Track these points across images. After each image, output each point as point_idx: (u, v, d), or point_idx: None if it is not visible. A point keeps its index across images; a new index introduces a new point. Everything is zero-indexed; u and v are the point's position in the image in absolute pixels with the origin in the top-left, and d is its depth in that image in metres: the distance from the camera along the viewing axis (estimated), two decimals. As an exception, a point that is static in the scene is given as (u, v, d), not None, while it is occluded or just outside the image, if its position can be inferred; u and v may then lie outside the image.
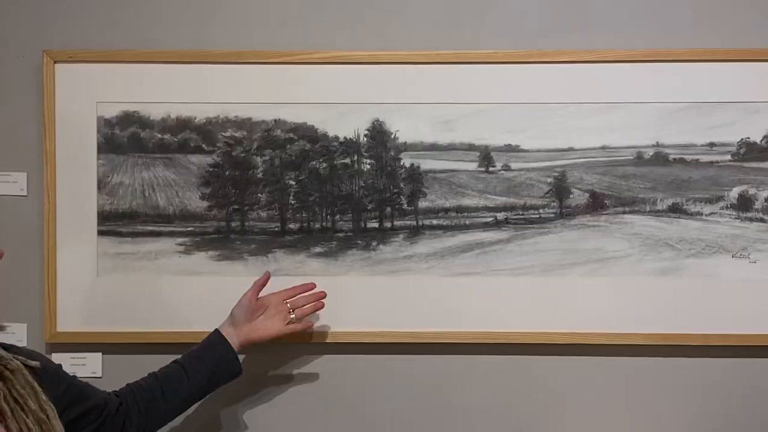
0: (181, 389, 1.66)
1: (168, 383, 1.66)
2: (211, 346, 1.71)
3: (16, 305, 1.89)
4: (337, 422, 1.91)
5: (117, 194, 1.87)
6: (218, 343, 1.71)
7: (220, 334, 1.71)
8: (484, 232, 1.88)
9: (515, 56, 1.85)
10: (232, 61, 1.87)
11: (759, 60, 1.84)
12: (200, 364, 1.69)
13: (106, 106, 1.87)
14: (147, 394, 1.63)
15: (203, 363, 1.69)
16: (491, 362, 1.89)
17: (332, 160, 1.89)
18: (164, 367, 1.68)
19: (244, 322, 1.73)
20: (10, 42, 1.89)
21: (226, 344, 1.70)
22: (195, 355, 1.70)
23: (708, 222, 1.86)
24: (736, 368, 1.87)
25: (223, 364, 1.70)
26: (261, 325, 1.73)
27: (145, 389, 1.63)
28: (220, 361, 1.70)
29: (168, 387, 1.65)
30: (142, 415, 1.61)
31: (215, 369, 1.70)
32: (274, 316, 1.74)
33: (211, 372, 1.69)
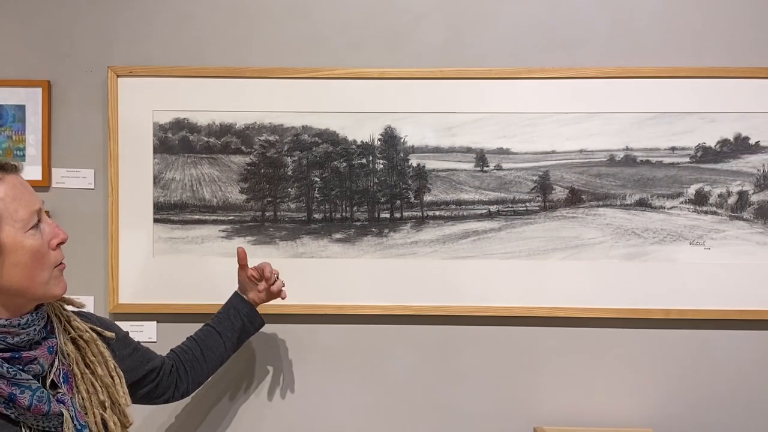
0: (217, 348, 1.76)
1: (205, 344, 1.75)
2: (234, 308, 1.79)
3: (85, 281, 1.98)
4: (354, 380, 2.01)
5: (169, 188, 1.98)
6: (239, 303, 1.79)
7: (240, 296, 1.80)
8: (479, 222, 1.97)
9: (506, 73, 1.94)
10: (267, 76, 1.96)
11: (715, 77, 1.94)
12: (229, 324, 1.77)
13: (161, 114, 1.97)
14: (190, 355, 1.73)
15: (231, 322, 1.77)
16: (483, 331, 1.99)
17: (351, 161, 1.97)
18: (199, 331, 1.78)
19: (247, 291, 1.80)
20: (80, 59, 1.99)
21: (247, 303, 1.79)
22: (223, 317, 1.78)
23: (669, 214, 1.96)
24: (691, 338, 1.97)
25: (248, 319, 1.78)
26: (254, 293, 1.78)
27: (187, 352, 1.73)
28: (246, 318, 1.78)
29: (206, 347, 1.75)
30: (188, 373, 1.72)
31: (243, 325, 1.78)
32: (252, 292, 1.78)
33: (240, 328, 1.78)
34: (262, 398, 2.03)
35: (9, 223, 1.24)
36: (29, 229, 1.27)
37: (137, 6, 2.00)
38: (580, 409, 2.00)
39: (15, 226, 1.24)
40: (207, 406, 2.02)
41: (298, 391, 2.02)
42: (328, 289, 1.99)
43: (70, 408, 1.29)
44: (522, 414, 2.01)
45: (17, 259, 1.25)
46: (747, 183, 1.96)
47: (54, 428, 1.27)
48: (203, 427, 2.02)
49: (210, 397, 2.01)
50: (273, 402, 2.03)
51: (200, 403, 2.01)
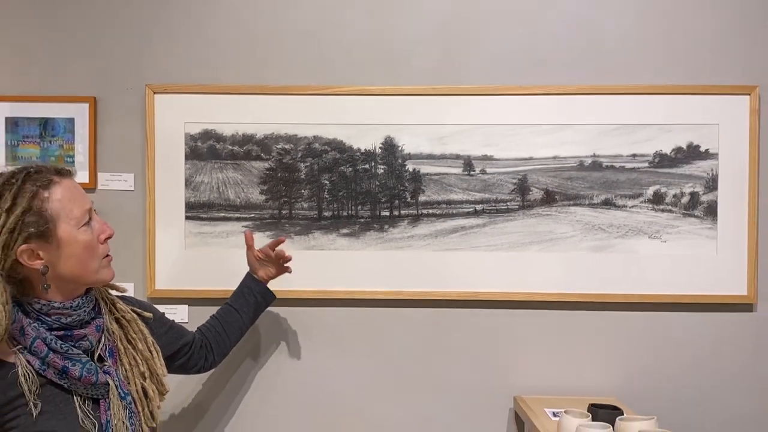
0: (236, 323, 1.77)
1: (226, 321, 1.76)
2: (248, 287, 1.79)
3: (126, 269, 1.96)
4: (358, 355, 2.01)
5: (199, 190, 1.98)
6: (252, 283, 1.80)
7: (251, 276, 1.80)
8: (466, 219, 1.97)
9: (490, 90, 1.95)
10: (283, 93, 1.96)
11: (671, 93, 1.95)
12: (245, 301, 1.78)
13: (191, 125, 1.97)
14: (214, 332, 1.74)
15: (246, 299, 1.78)
16: (470, 313, 1.99)
17: (355, 166, 1.98)
18: (219, 310, 1.78)
19: (257, 270, 1.81)
20: (121, 79, 1.99)
21: (259, 282, 1.80)
22: (239, 296, 1.79)
23: (631, 212, 1.96)
24: (649, 319, 1.98)
25: (261, 296, 1.80)
26: (263, 271, 1.80)
27: (211, 329, 1.75)
28: (259, 294, 1.79)
29: (227, 324, 1.76)
30: (214, 347, 1.73)
31: (256, 301, 1.79)
32: (271, 264, 1.80)
33: (254, 303, 1.79)
34: (276, 370, 2.02)
35: (65, 221, 1.27)
36: (82, 225, 1.30)
37: (171, 32, 2.01)
38: (554, 380, 2.00)
39: (70, 223, 1.28)
40: (229, 376, 2.02)
41: (308, 364, 2.02)
42: (335, 277, 1.99)
43: (114, 378, 1.32)
44: (504, 385, 2.00)
45: (72, 251, 1.28)
46: (698, 185, 1.96)
47: (101, 396, 1.29)
48: (225, 393, 2.02)
49: (232, 368, 2.02)
50: (285, 373, 2.02)
51: (224, 373, 2.02)
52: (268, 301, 1.84)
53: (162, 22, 2.01)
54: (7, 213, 1.20)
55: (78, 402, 1.26)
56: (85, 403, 1.27)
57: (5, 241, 1.20)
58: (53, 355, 1.23)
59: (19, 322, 1.23)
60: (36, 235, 1.23)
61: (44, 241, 1.24)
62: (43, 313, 1.26)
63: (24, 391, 1.21)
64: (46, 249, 1.24)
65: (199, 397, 2.03)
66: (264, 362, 2.03)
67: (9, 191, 1.22)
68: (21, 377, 1.21)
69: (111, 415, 1.29)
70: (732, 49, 1.98)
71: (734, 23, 1.98)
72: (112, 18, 2.01)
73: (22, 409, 1.21)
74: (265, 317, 1.90)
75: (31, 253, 1.23)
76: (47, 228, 1.24)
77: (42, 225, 1.23)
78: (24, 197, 1.22)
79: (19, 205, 1.21)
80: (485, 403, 2.01)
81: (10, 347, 1.22)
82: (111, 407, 1.29)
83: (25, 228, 1.21)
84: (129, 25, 2.01)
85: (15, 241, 1.21)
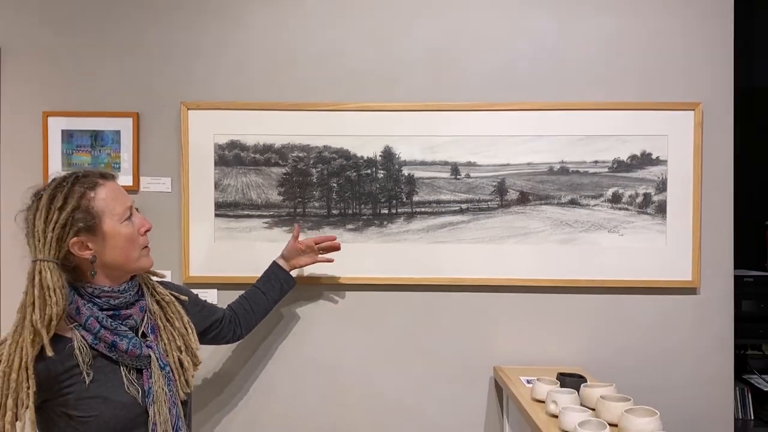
0: (262, 303, 1.80)
1: (253, 300, 1.79)
2: (274, 273, 1.83)
3: (165, 259, 1.98)
4: (361, 331, 2.02)
5: (226, 191, 1.99)
6: (278, 269, 1.83)
7: (277, 264, 1.84)
8: (453, 216, 1.99)
9: (474, 106, 1.97)
10: (298, 109, 1.98)
11: (627, 109, 1.95)
12: (270, 285, 1.81)
13: (219, 137, 1.99)
14: (242, 309, 1.77)
15: (272, 284, 1.81)
16: (457, 296, 2.01)
17: (359, 171, 1.99)
18: (248, 291, 1.81)
19: (290, 257, 1.84)
20: (160, 97, 2.01)
21: (283, 269, 1.83)
22: (265, 280, 1.82)
23: (593, 210, 1.97)
24: (608, 301, 1.99)
25: (284, 281, 1.83)
26: (301, 259, 1.85)
27: (240, 306, 1.77)
28: (282, 281, 1.82)
29: (254, 303, 1.79)
30: (242, 322, 1.76)
31: (281, 286, 1.82)
32: (309, 254, 1.85)
33: (278, 288, 1.82)
34: (293, 343, 2.03)
35: (109, 217, 1.28)
36: (124, 220, 1.30)
37: (202, 58, 2.02)
38: (528, 353, 2.01)
39: (113, 218, 1.28)
40: (253, 349, 2.04)
41: (320, 337, 2.04)
42: (342, 265, 1.99)
43: (155, 351, 1.33)
44: (485, 357, 2.02)
45: (116, 243, 1.29)
46: (650, 187, 1.98)
47: (144, 366, 1.30)
48: (248, 364, 2.03)
49: (255, 342, 2.03)
50: (300, 345, 2.04)
51: (248, 346, 2.03)
52: (290, 286, 1.86)
53: (194, 49, 2.03)
54: (60, 211, 1.21)
55: (124, 372, 1.28)
56: (130, 373, 1.29)
57: (59, 235, 1.21)
58: (104, 332, 1.25)
59: (74, 303, 1.24)
60: (84, 229, 1.24)
61: (92, 234, 1.25)
62: (95, 295, 1.27)
63: (79, 362, 1.22)
64: (93, 241, 1.26)
65: (226, 366, 2.05)
66: (283, 336, 2.04)
67: (61, 192, 1.23)
68: (76, 350, 1.22)
69: (152, 382, 1.30)
70: (679, 72, 1.99)
71: (681, 49, 2.00)
72: (152, 47, 2.03)
73: (77, 377, 1.23)
74: (284, 299, 1.90)
75: (81, 245, 1.24)
76: (94, 223, 1.25)
77: (89, 220, 1.24)
78: (74, 197, 1.23)
79: (70, 204, 1.22)
80: (469, 372, 2.02)
81: (68, 324, 1.24)
82: (152, 376, 1.30)
83: (75, 223, 1.22)
84: (167, 52, 2.03)
85: (67, 234, 1.22)
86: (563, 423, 1.40)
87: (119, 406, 1.25)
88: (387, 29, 2.01)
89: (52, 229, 1.21)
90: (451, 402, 2.02)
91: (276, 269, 1.84)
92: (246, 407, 2.03)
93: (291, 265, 1.85)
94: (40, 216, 1.21)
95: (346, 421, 2.03)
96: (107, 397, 1.24)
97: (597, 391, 1.53)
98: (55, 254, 1.21)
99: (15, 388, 1.17)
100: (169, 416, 1.31)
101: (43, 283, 1.19)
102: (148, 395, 1.29)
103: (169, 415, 1.31)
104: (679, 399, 1.97)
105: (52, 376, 1.21)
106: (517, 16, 2.01)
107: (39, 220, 1.21)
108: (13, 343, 1.19)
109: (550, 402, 1.52)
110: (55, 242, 1.21)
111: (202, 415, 2.03)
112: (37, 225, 1.21)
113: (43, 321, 1.18)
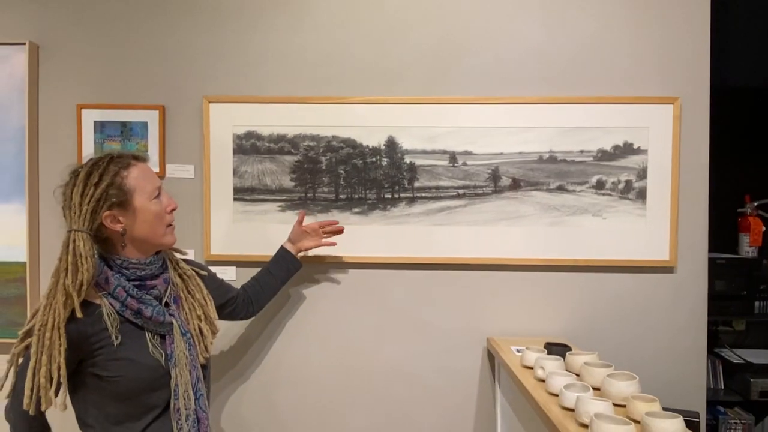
0: (271, 282, 1.79)
1: (264, 281, 1.79)
2: (282, 257, 1.81)
3: (189, 238, 2.00)
4: (365, 306, 2.02)
5: (244, 177, 1.98)
6: (285, 253, 1.82)
7: (284, 248, 1.83)
8: (451, 200, 1.97)
9: (471, 100, 1.95)
10: (308, 102, 1.96)
11: (610, 102, 1.92)
12: (278, 267, 1.80)
13: (238, 128, 1.97)
14: (253, 289, 1.77)
15: (280, 266, 1.81)
16: (453, 274, 2.00)
17: (365, 159, 1.98)
18: (258, 273, 1.80)
19: (296, 240, 1.83)
20: (184, 91, 2.00)
21: (290, 253, 1.82)
22: (274, 262, 1.81)
23: (579, 196, 1.95)
24: (592, 278, 1.98)
25: (291, 264, 1.82)
26: (306, 242, 1.83)
27: (251, 287, 1.77)
28: (290, 263, 1.81)
29: (264, 283, 1.78)
30: (253, 301, 1.75)
31: (288, 268, 1.81)
32: (313, 237, 1.83)
33: (286, 269, 1.81)
34: (302, 317, 2.03)
35: (140, 194, 1.27)
36: (153, 198, 1.30)
37: (222, 55, 2.01)
38: (518, 325, 2.00)
39: (143, 196, 1.28)
40: (266, 322, 2.03)
41: (327, 312, 2.03)
42: (349, 245, 1.99)
43: (177, 319, 1.34)
44: (479, 328, 2.01)
45: (145, 218, 1.28)
46: (632, 174, 1.95)
47: (167, 332, 1.31)
48: (263, 336, 2.03)
49: (268, 316, 2.03)
50: (309, 319, 2.03)
51: (261, 320, 2.03)
52: (297, 267, 1.85)
53: (216, 49, 2.02)
54: (95, 186, 1.22)
55: (149, 337, 1.28)
56: (154, 338, 1.29)
57: (93, 208, 1.21)
58: (130, 300, 1.25)
59: (104, 274, 1.24)
60: (117, 204, 1.24)
61: (123, 209, 1.26)
62: (123, 267, 1.27)
63: (107, 326, 1.23)
64: (124, 215, 1.26)
65: (242, 338, 2.05)
66: (293, 311, 2.04)
67: (97, 171, 1.24)
68: (105, 315, 1.23)
69: (174, 347, 1.30)
70: (660, 69, 1.97)
71: (661, 48, 1.97)
72: (177, 46, 2.02)
73: (106, 339, 1.23)
74: (293, 278, 1.89)
75: (113, 218, 1.25)
76: (126, 199, 1.25)
77: (121, 196, 1.24)
78: (108, 174, 1.23)
79: (105, 181, 1.23)
80: (464, 342, 2.02)
81: (97, 292, 1.24)
82: (174, 341, 1.31)
83: (108, 198, 1.23)
84: (191, 51, 2.02)
85: (101, 208, 1.22)
86: (550, 386, 1.39)
87: (144, 367, 1.26)
88: (390, 30, 2.01)
89: (88, 202, 1.21)
90: (447, 369, 2.02)
91: (283, 252, 1.83)
92: (259, 376, 2.04)
93: (297, 248, 1.84)
94: (77, 191, 1.22)
95: (350, 388, 2.04)
96: (133, 359, 1.25)
97: (581, 358, 1.51)
98: (89, 225, 1.21)
99: (49, 346, 1.17)
100: (189, 378, 1.32)
101: (76, 251, 1.19)
102: (171, 358, 1.29)
103: (189, 377, 1.32)
104: (656, 369, 1.97)
105: (83, 337, 1.22)
106: (508, 19, 1.99)
107: (76, 194, 1.22)
108: (48, 306, 1.20)
109: (538, 368, 1.51)
110: (89, 214, 1.21)
111: (221, 383, 2.04)
112: (74, 198, 1.22)
113: (74, 285, 1.18)
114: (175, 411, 1.28)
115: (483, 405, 2.01)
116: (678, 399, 1.94)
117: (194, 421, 1.31)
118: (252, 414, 2.04)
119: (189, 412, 1.30)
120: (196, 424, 1.32)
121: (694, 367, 1.98)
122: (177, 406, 1.28)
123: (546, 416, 1.27)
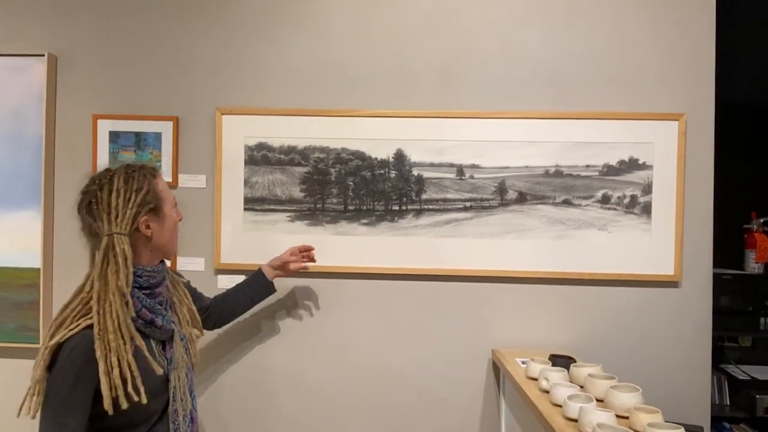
0: (239, 302, 1.79)
1: (233, 298, 1.79)
2: (257, 280, 1.81)
3: (200, 247, 2.03)
4: (372, 316, 2.02)
5: (254, 188, 2.00)
6: (261, 277, 1.81)
7: (261, 271, 1.81)
8: (458, 213, 1.98)
9: (477, 114, 1.97)
10: (319, 114, 1.99)
11: (616, 118, 1.95)
12: (250, 290, 1.81)
13: (249, 139, 2.00)
14: (223, 302, 1.77)
15: (252, 288, 1.81)
16: (460, 285, 2.01)
17: (373, 171, 2.00)
18: (230, 289, 1.81)
19: (279, 268, 1.83)
20: (198, 103, 2.03)
21: (265, 278, 1.81)
22: (248, 284, 1.81)
23: (585, 210, 1.97)
24: (597, 291, 1.99)
25: (264, 288, 1.81)
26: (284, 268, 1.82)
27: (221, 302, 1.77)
28: (263, 287, 1.81)
29: (233, 299, 1.79)
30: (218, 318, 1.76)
31: (260, 291, 1.81)
32: (295, 262, 1.82)
33: (258, 292, 1.81)
34: (310, 325, 2.04)
35: (166, 202, 1.32)
36: (174, 207, 1.35)
37: (234, 69, 2.04)
38: (523, 337, 2.01)
39: (169, 204, 1.33)
40: (273, 330, 2.04)
41: (334, 322, 2.04)
42: (357, 256, 2.01)
43: (176, 325, 1.36)
44: (484, 340, 2.02)
45: (168, 226, 1.33)
46: (637, 189, 1.97)
47: (167, 339, 1.33)
48: (270, 345, 2.04)
49: (275, 325, 2.04)
50: (317, 328, 2.04)
51: (269, 328, 2.04)
52: (270, 292, 1.84)
53: (229, 62, 2.05)
54: (137, 192, 1.25)
55: (153, 343, 1.30)
56: (157, 345, 1.31)
57: (136, 212, 1.24)
58: (144, 310, 1.26)
59: None
60: (152, 209, 1.28)
61: (156, 215, 1.29)
62: (137, 275, 1.27)
63: None
64: (155, 221, 1.29)
65: (247, 347, 2.06)
66: (301, 320, 2.05)
67: (134, 178, 1.26)
68: None
69: (174, 352, 1.33)
70: (665, 84, 1.99)
71: (667, 65, 1.99)
72: (191, 59, 2.06)
73: None
74: (301, 286, 1.92)
75: (146, 224, 1.28)
76: (159, 205, 1.29)
77: (156, 202, 1.28)
78: (146, 181, 1.27)
79: (144, 187, 1.26)
80: (470, 353, 2.02)
81: None
82: (174, 346, 1.33)
83: (146, 203, 1.26)
84: (205, 64, 2.06)
85: (141, 212, 1.25)
86: (554, 397, 1.41)
87: (153, 376, 1.26)
88: (400, 45, 2.03)
89: (131, 206, 1.23)
90: (453, 380, 2.02)
91: (260, 276, 1.82)
92: (266, 384, 2.05)
93: (275, 275, 1.83)
94: (118, 195, 1.23)
95: (355, 398, 2.04)
96: (145, 369, 1.24)
97: (585, 370, 1.52)
98: (129, 229, 1.24)
99: (116, 348, 1.16)
100: (186, 380, 1.35)
101: (123, 253, 1.21)
102: (170, 363, 1.31)
103: (186, 379, 1.35)
104: (660, 383, 1.96)
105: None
106: (515, 34, 2.02)
107: (118, 198, 1.23)
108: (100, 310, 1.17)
109: (542, 379, 1.52)
110: (131, 218, 1.23)
111: (227, 390, 2.04)
112: (116, 202, 1.23)
113: (127, 286, 1.20)
114: (173, 413, 1.30)
115: (488, 415, 2.01)
116: (682, 413, 1.94)
117: (189, 421, 1.35)
118: (258, 423, 2.04)
119: (185, 413, 1.33)
120: (191, 424, 1.35)
121: (698, 382, 1.98)
122: (175, 408, 1.30)
123: (550, 426, 1.28)
